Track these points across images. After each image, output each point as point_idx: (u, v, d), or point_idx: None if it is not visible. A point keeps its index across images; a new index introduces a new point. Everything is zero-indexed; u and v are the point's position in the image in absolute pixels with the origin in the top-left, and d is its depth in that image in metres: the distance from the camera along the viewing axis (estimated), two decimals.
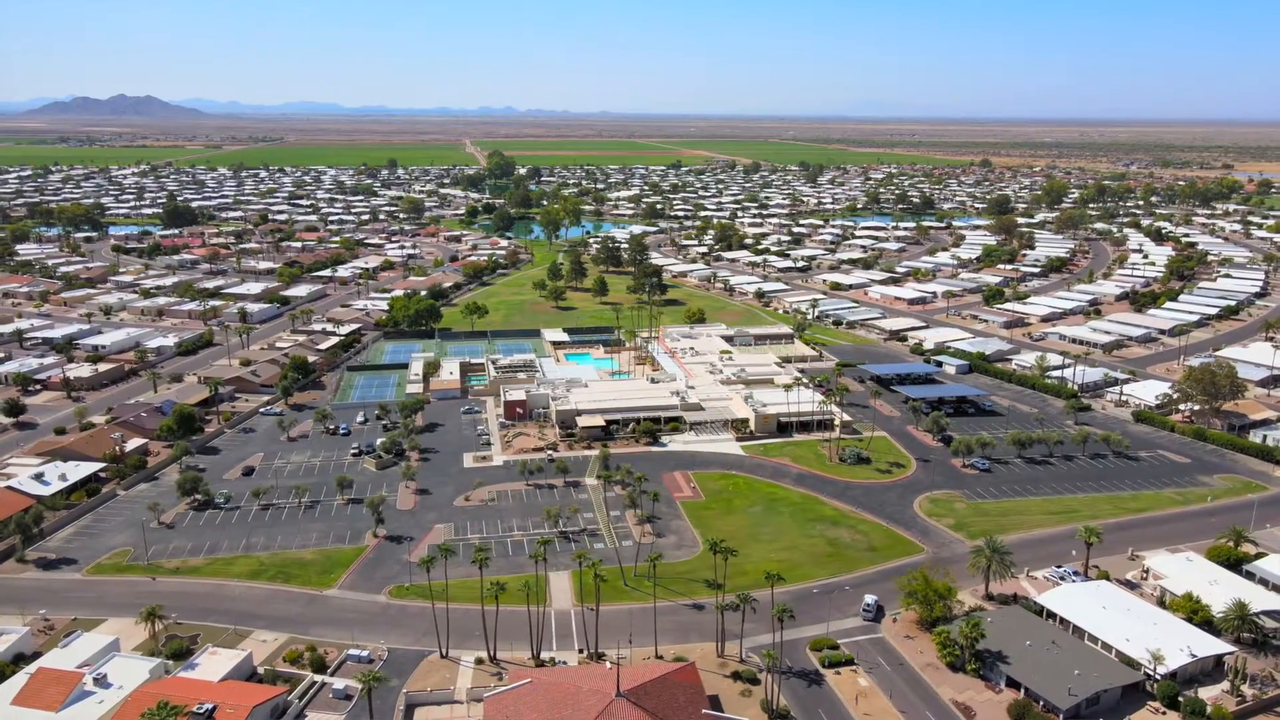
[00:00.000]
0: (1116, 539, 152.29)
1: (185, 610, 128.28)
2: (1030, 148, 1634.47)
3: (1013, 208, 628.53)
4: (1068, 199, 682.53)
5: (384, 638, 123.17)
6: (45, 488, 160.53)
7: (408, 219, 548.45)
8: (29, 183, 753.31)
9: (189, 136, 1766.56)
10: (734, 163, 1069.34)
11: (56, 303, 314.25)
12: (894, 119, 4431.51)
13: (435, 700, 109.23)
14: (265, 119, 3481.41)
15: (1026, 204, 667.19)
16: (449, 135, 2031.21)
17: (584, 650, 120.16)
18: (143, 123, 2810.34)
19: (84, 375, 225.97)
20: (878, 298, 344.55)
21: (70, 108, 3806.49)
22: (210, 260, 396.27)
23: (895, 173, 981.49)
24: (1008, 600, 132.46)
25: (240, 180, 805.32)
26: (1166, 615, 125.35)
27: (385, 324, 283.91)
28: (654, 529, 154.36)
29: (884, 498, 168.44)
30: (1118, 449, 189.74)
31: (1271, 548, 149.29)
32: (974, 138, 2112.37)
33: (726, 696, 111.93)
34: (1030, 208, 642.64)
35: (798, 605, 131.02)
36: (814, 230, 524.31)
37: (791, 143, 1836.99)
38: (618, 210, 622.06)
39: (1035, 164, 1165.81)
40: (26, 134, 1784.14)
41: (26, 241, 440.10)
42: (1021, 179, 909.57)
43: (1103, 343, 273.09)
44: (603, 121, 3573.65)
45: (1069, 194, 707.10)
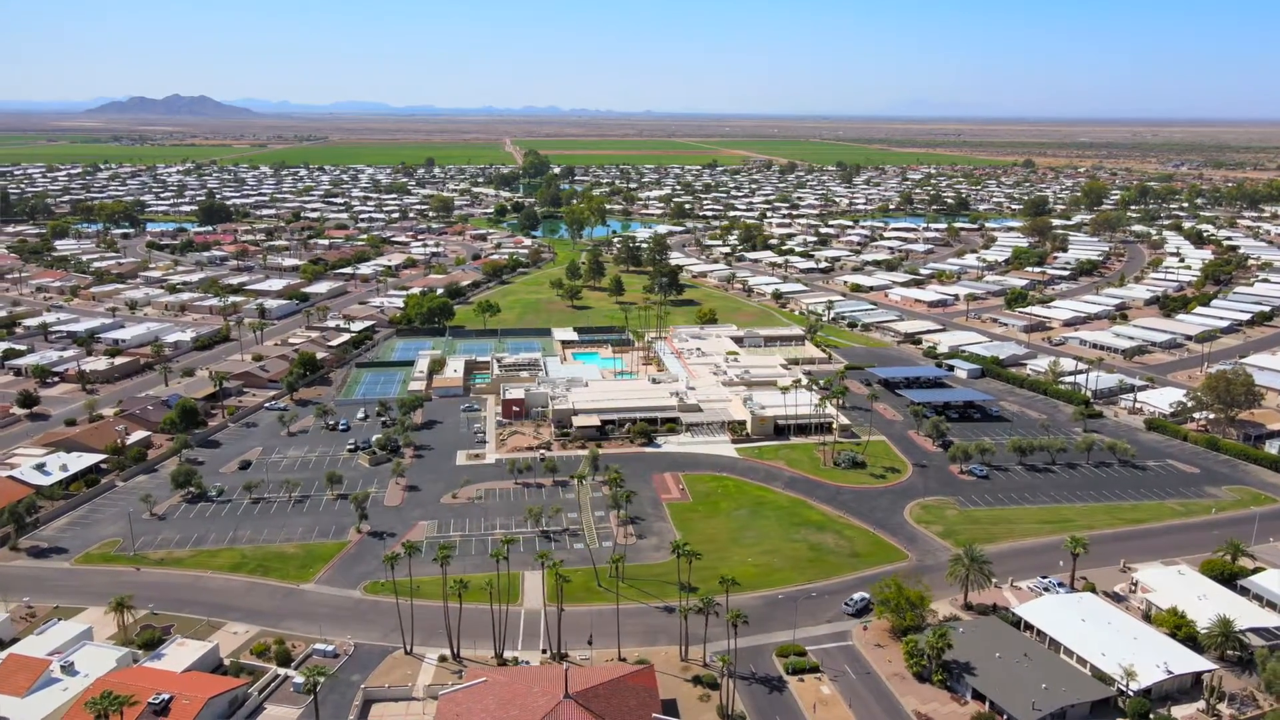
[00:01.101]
0: (1111, 550, 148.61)
1: (164, 601, 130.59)
2: (1078, 148, 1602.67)
3: (1050, 209, 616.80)
4: (1108, 201, 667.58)
5: (353, 633, 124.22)
6: (46, 478, 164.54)
7: (436, 217, 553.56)
8: (77, 180, 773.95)
9: (237, 135, 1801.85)
10: (770, 162, 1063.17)
11: (86, 297, 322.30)
12: (941, 119, 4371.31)
13: (392, 696, 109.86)
14: (313, 119, 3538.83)
15: (1065, 205, 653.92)
16: (490, 135, 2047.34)
17: (547, 650, 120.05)
18: (195, 122, 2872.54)
19: (99, 368, 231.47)
20: (897, 300, 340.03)
21: (127, 107, 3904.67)
22: (239, 257, 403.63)
23: (934, 173, 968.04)
24: (986, 610, 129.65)
25: (280, 179, 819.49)
26: (1149, 630, 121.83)
27: (399, 321, 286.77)
28: (636, 530, 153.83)
29: (875, 503, 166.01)
30: (1124, 457, 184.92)
31: (1272, 562, 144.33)
32: (1022, 137, 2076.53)
33: (685, 700, 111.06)
34: (1069, 209, 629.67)
35: (770, 610, 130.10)
36: (842, 231, 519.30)
37: (833, 143, 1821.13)
38: (647, 210, 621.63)
39: (1081, 164, 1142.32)
40: (83, 133, 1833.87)
41: (66, 238, 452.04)
42: (1064, 180, 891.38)
43: (1124, 348, 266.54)
44: (645, 121, 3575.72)
45: (1109, 195, 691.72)
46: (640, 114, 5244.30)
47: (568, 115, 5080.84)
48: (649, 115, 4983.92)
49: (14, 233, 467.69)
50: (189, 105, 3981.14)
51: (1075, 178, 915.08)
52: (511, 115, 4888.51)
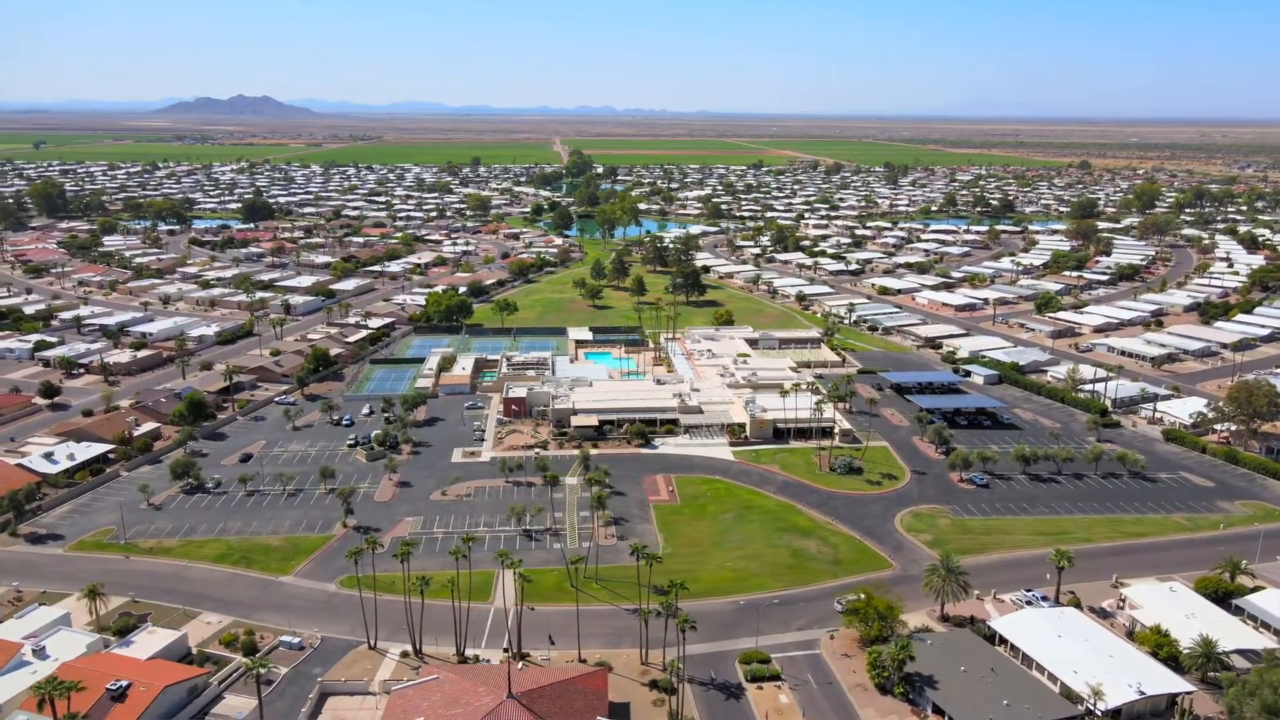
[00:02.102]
0: (1107, 564, 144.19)
1: (146, 589, 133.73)
2: (1141, 149, 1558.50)
3: (1099, 212, 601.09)
4: (1162, 203, 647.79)
5: (323, 626, 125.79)
6: (53, 466, 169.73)
7: (473, 216, 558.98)
8: (135, 178, 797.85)
9: (295, 135, 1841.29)
10: (817, 163, 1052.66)
11: (123, 292, 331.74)
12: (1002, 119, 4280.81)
13: (348, 690, 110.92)
14: (371, 118, 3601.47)
15: (1116, 208, 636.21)
16: (541, 134, 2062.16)
17: (509, 650, 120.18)
18: (257, 121, 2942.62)
19: (122, 361, 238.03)
20: (924, 303, 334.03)
21: (194, 107, 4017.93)
22: (275, 254, 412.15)
23: (984, 174, 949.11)
24: (962, 623, 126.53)
25: (328, 177, 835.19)
26: (1129, 648, 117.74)
27: (418, 319, 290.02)
28: (618, 532, 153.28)
29: (867, 510, 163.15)
30: (1134, 469, 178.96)
31: (1276, 582, 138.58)
32: (1084, 138, 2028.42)
33: (639, 704, 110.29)
34: (1119, 212, 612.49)
35: (740, 615, 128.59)
36: (878, 233, 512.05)
37: (885, 143, 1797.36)
38: (684, 210, 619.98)
39: (1140, 166, 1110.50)
40: (149, 132, 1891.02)
41: (114, 234, 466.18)
42: (1120, 182, 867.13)
43: (1153, 356, 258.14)
44: (698, 121, 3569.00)
45: (1163, 198, 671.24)
46: (694, 114, 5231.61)
47: (621, 115, 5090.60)
48: (703, 115, 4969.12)
49: (67, 228, 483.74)
50: (252, 105, 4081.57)
51: (1132, 179, 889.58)
52: (566, 115, 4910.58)
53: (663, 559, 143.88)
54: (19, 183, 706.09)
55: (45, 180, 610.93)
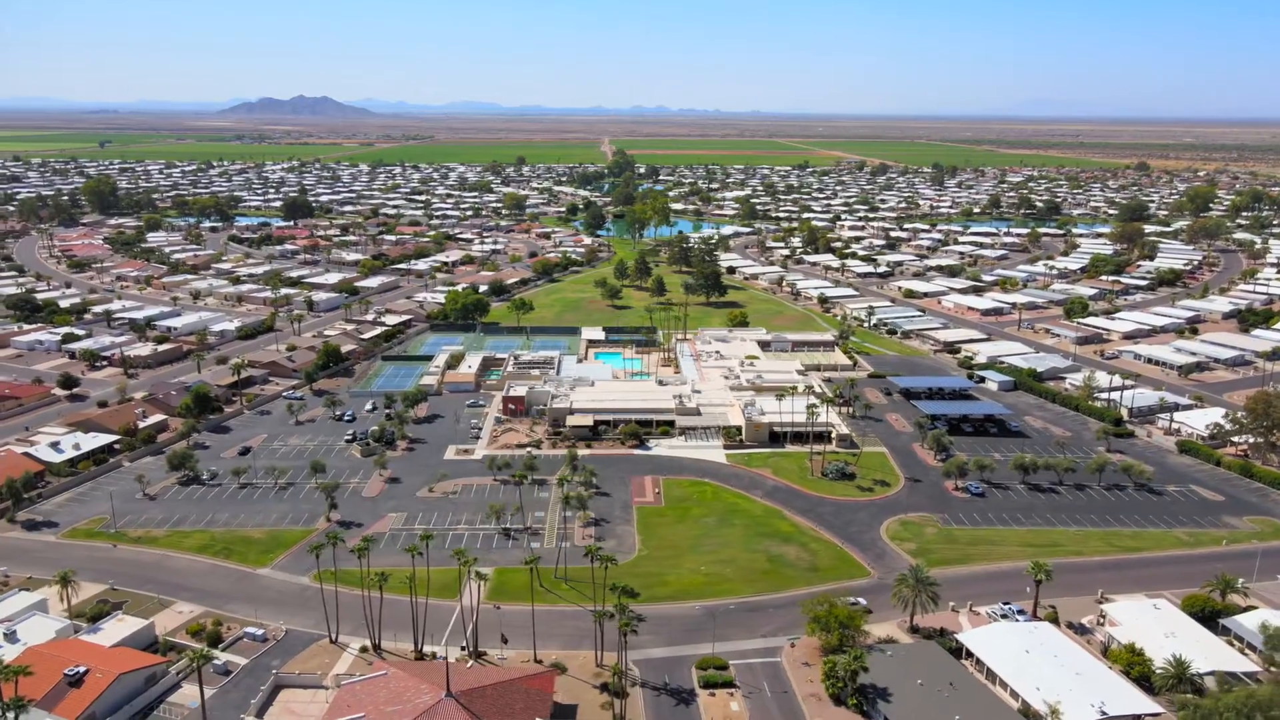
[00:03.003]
0: (1097, 579, 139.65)
1: (126, 577, 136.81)
2: (1204, 150, 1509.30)
3: (1149, 215, 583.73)
4: (1218, 206, 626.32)
5: (291, 618, 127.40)
6: (58, 455, 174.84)
7: (508, 215, 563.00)
8: (189, 176, 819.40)
9: (349, 135, 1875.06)
10: (863, 164, 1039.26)
11: (158, 287, 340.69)
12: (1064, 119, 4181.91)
13: (302, 684, 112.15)
14: (427, 118, 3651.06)
15: (1168, 211, 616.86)
16: (591, 134, 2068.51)
17: (466, 648, 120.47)
18: (316, 121, 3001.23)
19: (143, 354, 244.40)
20: (950, 307, 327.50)
21: (256, 108, 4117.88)
22: (309, 251, 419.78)
23: (1035, 175, 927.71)
24: (931, 634, 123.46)
25: (374, 176, 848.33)
26: (1100, 666, 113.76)
27: (436, 316, 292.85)
28: (597, 533, 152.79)
29: (854, 517, 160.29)
30: (1140, 480, 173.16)
31: (1273, 602, 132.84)
32: (1148, 138, 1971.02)
33: (587, 707, 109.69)
34: (1170, 215, 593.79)
35: (705, 620, 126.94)
36: (914, 235, 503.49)
37: (939, 143, 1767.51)
38: (721, 211, 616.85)
39: (1203, 168, 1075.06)
40: (211, 132, 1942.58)
41: (159, 230, 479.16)
42: (1178, 184, 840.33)
43: (1180, 364, 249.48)
44: (750, 121, 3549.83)
45: (1219, 201, 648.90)
46: (748, 114, 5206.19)
47: (675, 115, 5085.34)
48: (756, 115, 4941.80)
49: (115, 225, 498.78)
50: (312, 105, 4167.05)
51: (1191, 181, 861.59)
52: (619, 116, 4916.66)
53: (636, 561, 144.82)
54: (79, 180, 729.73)
55: (99, 178, 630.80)
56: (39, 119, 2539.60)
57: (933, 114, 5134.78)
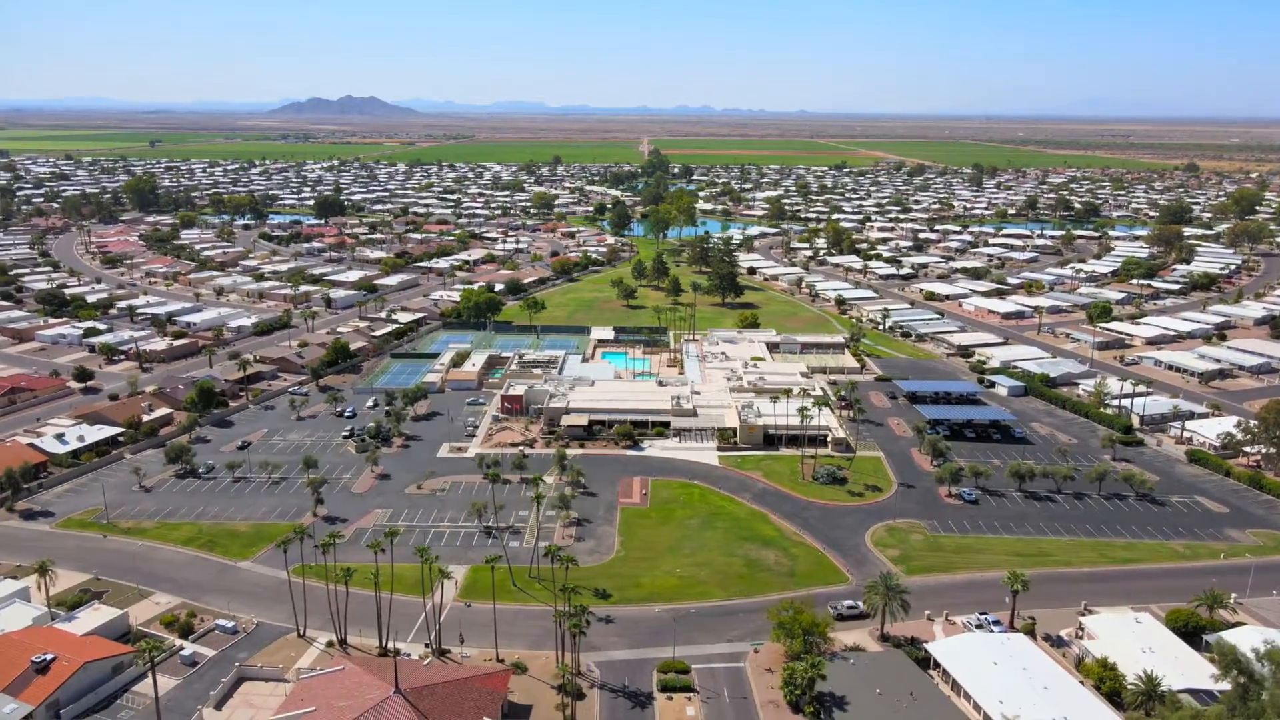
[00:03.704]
0: (1081, 590, 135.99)
1: (111, 567, 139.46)
2: (1261, 150, 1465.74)
3: (1192, 217, 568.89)
4: (1265, 209, 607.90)
5: (264, 611, 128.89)
6: (62, 446, 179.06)
7: (537, 214, 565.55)
8: (231, 175, 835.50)
9: (392, 134, 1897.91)
10: (901, 164, 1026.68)
11: (184, 283, 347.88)
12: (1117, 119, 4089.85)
13: (264, 676, 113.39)
14: (472, 118, 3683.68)
15: (1211, 214, 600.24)
16: (632, 134, 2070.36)
17: (430, 645, 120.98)
18: (363, 121, 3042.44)
19: (159, 348, 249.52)
20: (971, 310, 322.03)
21: (305, 108, 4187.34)
22: (336, 249, 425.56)
23: (1078, 176, 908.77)
24: (901, 643, 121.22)
25: (409, 175, 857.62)
26: (1070, 680, 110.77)
27: (449, 314, 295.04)
28: (577, 533, 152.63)
29: (840, 521, 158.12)
30: (1141, 490, 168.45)
31: (1266, 619, 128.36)
32: (1203, 139, 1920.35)
33: (543, 707, 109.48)
34: (1214, 218, 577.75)
35: (672, 623, 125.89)
36: (944, 236, 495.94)
37: (984, 143, 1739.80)
38: (750, 211, 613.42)
39: (1256, 169, 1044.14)
40: (259, 131, 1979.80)
41: (193, 228, 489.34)
42: (1228, 186, 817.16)
43: (1202, 371, 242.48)
44: (794, 121, 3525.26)
45: (1267, 203, 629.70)
46: (793, 114, 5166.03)
47: (718, 115, 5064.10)
48: (802, 115, 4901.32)
49: (152, 222, 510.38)
50: (359, 105, 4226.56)
51: (1242, 183, 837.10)
52: (663, 115, 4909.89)
53: (612, 562, 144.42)
54: (125, 178, 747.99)
55: (139, 176, 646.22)
56: (96, 119, 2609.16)
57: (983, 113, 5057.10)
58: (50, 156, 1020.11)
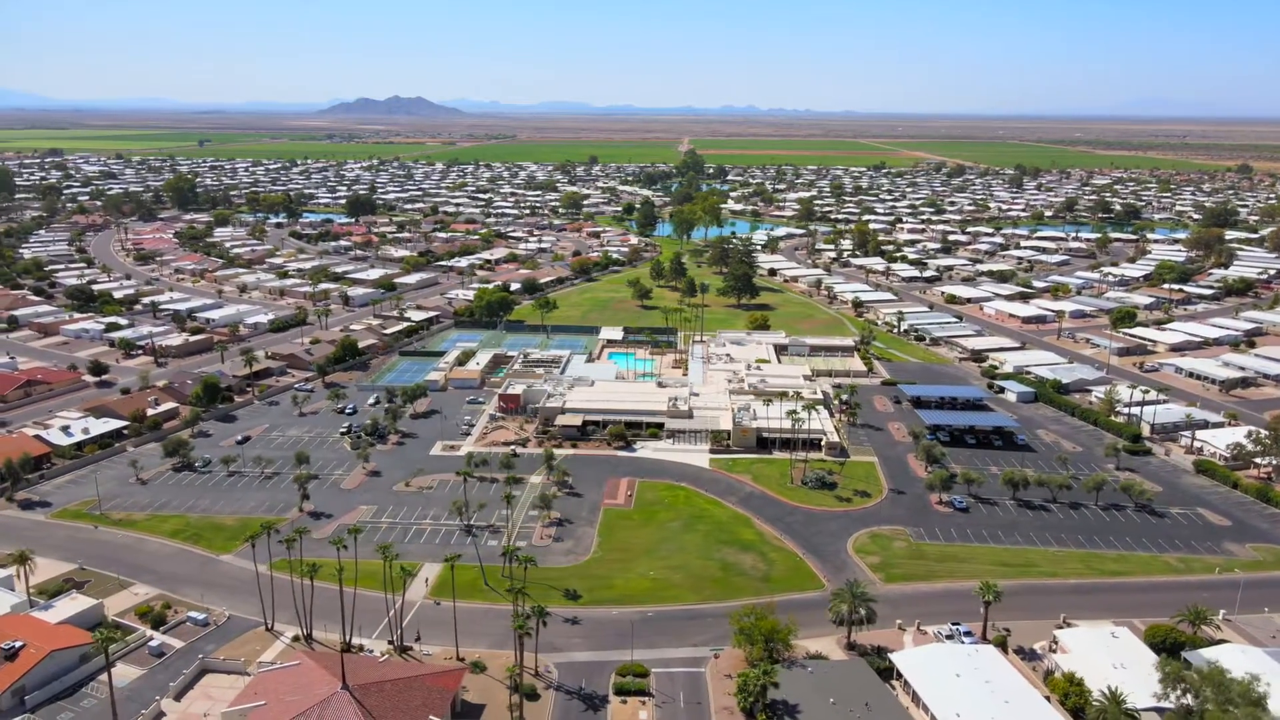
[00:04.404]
0: (1063, 602, 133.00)
1: (97, 558, 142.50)
2: None
3: (1237, 220, 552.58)
4: None
5: (238, 604, 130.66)
6: (67, 438, 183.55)
7: (565, 214, 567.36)
8: (272, 174, 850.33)
9: (435, 134, 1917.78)
10: (941, 164, 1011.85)
11: (210, 280, 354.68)
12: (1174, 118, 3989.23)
13: (226, 669, 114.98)
14: (516, 118, 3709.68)
15: (1259, 217, 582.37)
16: (673, 134, 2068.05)
17: (393, 642, 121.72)
18: (409, 121, 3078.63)
19: (174, 344, 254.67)
20: (992, 314, 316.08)
21: (353, 108, 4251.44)
22: (362, 247, 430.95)
23: (1124, 177, 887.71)
24: (867, 652, 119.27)
25: (445, 174, 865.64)
26: (1034, 695, 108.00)
27: (462, 313, 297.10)
28: (556, 533, 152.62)
29: (824, 527, 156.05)
30: (1140, 500, 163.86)
31: (1254, 636, 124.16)
32: (1262, 139, 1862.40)
33: (495, 707, 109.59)
34: (1260, 220, 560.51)
35: (639, 626, 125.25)
36: (975, 238, 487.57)
37: (1032, 144, 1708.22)
38: (779, 212, 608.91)
39: None
40: (306, 131, 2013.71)
41: (226, 225, 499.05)
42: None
43: (1223, 378, 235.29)
44: (839, 121, 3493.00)
45: None
46: (839, 114, 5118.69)
47: (763, 115, 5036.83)
48: (848, 115, 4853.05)
49: (189, 220, 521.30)
50: (405, 105, 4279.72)
51: None
52: (708, 115, 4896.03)
53: (588, 563, 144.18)
54: (169, 176, 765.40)
55: (179, 175, 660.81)
56: (151, 119, 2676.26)
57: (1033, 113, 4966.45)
58: (102, 156, 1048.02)
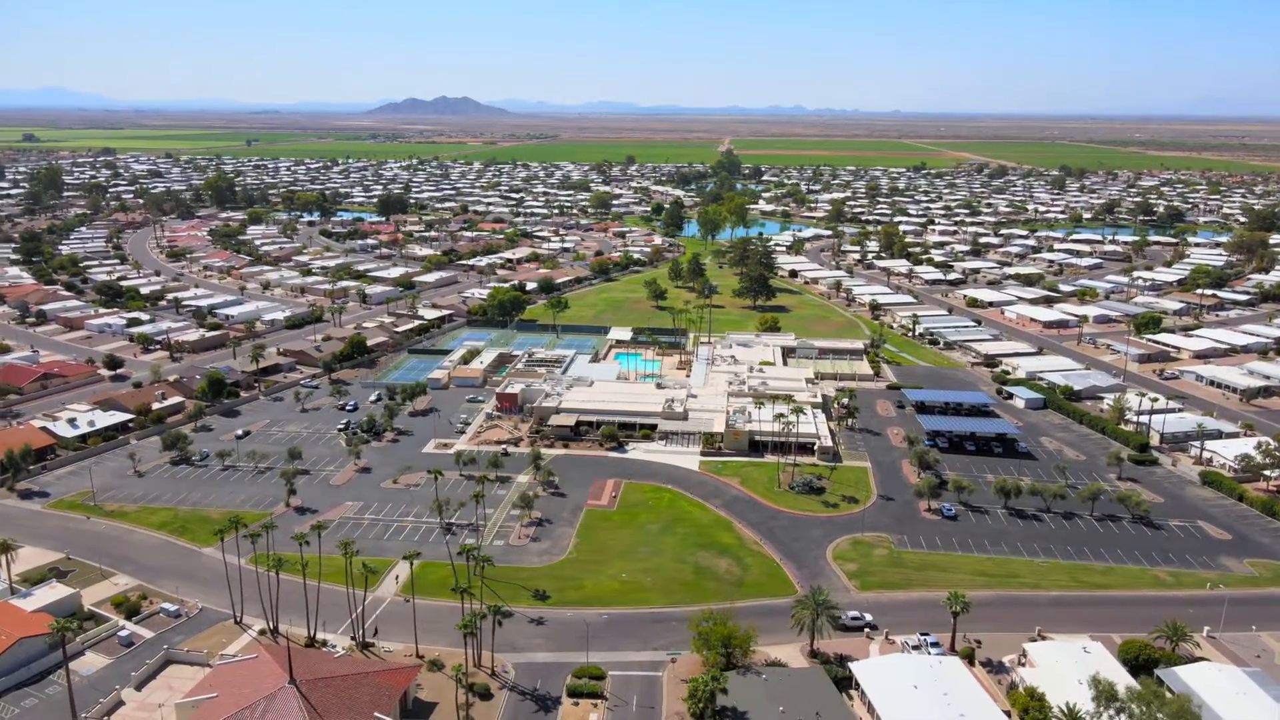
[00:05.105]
0: (1043, 615, 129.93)
1: (84, 548, 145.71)
2: None
3: None
4: None
5: (213, 597, 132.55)
6: (72, 430, 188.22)
7: (594, 214, 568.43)
8: (312, 173, 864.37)
9: (478, 134, 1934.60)
10: (983, 165, 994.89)
11: (236, 277, 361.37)
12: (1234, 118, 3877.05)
13: (189, 660, 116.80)
14: (561, 118, 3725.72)
15: None
16: (716, 133, 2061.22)
17: (355, 638, 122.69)
18: (455, 121, 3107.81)
19: (190, 339, 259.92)
20: (1013, 318, 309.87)
21: (400, 108, 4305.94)
22: (389, 246, 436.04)
23: (1172, 179, 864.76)
24: (829, 661, 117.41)
25: (481, 174, 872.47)
26: (992, 709, 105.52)
27: (475, 312, 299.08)
28: (534, 533, 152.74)
29: (807, 533, 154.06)
30: (1137, 512, 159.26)
31: (1234, 655, 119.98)
32: None
33: (447, 705, 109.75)
34: None
35: (602, 628, 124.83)
36: (1006, 241, 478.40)
37: (1084, 144, 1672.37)
38: (811, 213, 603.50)
39: None
40: (353, 131, 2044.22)
41: (260, 224, 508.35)
42: None
43: (1244, 387, 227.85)
44: (887, 121, 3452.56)
45: None
46: (887, 114, 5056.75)
47: (811, 115, 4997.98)
48: (896, 115, 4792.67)
49: (225, 218, 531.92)
50: (452, 105, 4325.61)
51: None
52: (753, 115, 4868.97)
53: (561, 563, 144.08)
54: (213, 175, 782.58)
55: (218, 174, 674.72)
56: (205, 119, 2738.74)
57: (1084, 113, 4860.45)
58: (152, 155, 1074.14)
